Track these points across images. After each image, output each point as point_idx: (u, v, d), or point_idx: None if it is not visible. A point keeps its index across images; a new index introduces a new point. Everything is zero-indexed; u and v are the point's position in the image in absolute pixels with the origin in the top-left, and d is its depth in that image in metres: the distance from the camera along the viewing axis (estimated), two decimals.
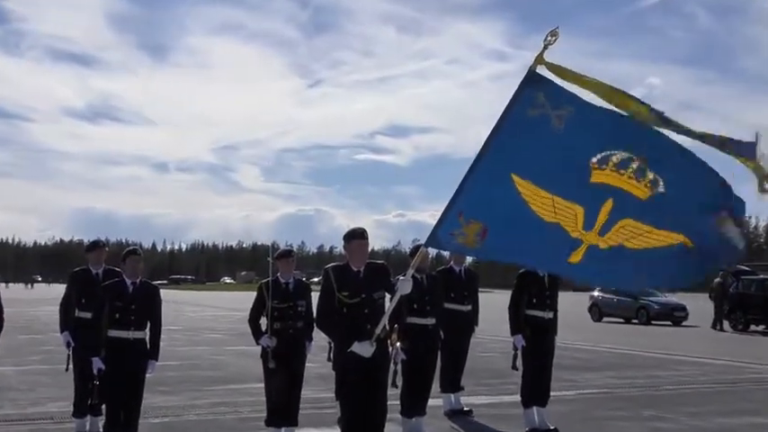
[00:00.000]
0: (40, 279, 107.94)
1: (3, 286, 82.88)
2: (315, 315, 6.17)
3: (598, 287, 27.73)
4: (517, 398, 8.36)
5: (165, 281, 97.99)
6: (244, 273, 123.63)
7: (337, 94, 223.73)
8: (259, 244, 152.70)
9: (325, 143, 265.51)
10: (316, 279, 39.19)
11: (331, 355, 6.24)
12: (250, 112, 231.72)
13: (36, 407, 9.19)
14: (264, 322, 7.30)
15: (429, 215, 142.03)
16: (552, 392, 8.30)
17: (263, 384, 7.43)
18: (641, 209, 4.69)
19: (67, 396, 8.22)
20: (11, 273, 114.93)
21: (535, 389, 8.08)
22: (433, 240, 5.24)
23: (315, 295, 6.48)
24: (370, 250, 5.99)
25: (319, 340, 7.29)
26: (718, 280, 26.11)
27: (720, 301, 25.56)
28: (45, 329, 20.05)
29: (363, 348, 5.57)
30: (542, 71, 4.84)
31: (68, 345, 7.76)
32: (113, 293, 6.55)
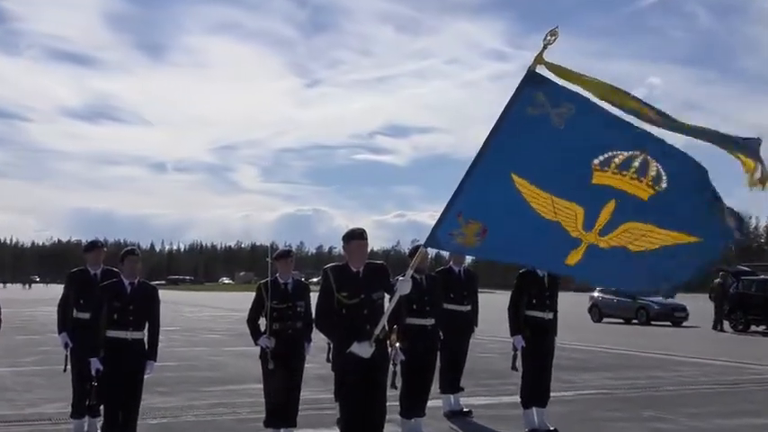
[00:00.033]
0: (37, 279, 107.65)
1: (0, 287, 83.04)
2: (314, 315, 6.16)
3: (598, 286, 27.67)
4: (517, 399, 8.35)
5: (163, 281, 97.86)
6: (242, 273, 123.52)
7: (336, 93, 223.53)
8: (258, 244, 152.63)
9: (324, 143, 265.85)
10: (315, 279, 39.19)
11: (330, 356, 6.22)
12: (248, 111, 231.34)
13: (33, 408, 9.17)
14: (263, 323, 7.29)
15: (428, 215, 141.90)
16: (552, 393, 8.28)
17: (261, 385, 7.43)
18: (643, 210, 4.67)
19: (65, 397, 8.20)
20: (8, 273, 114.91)
21: (535, 389, 8.07)
22: (433, 241, 5.23)
23: (314, 296, 6.45)
24: (369, 250, 5.99)
25: (318, 341, 7.27)
26: (718, 280, 26.09)
27: (720, 302, 25.52)
28: (43, 330, 20.00)
29: (362, 349, 5.56)
30: (542, 71, 4.81)
31: (66, 345, 7.73)
32: (111, 294, 6.54)
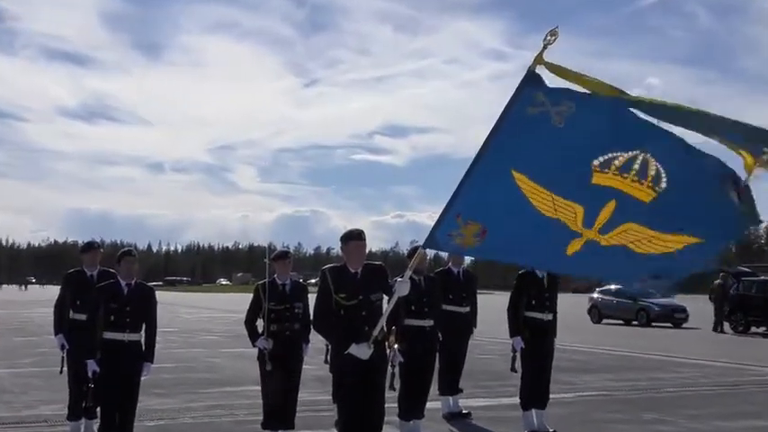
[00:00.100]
0: (34, 280, 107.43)
1: None
2: (312, 317, 6.13)
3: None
4: (516, 400, 8.33)
5: (160, 282, 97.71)
6: (240, 274, 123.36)
7: (334, 93, 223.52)
8: (255, 245, 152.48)
9: (322, 143, 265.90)
10: (313, 281, 39.15)
11: (328, 358, 6.18)
12: (246, 111, 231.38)
13: (30, 410, 9.12)
14: (261, 324, 7.26)
15: (427, 216, 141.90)
16: (551, 395, 8.27)
17: (259, 387, 7.41)
18: (645, 213, 4.64)
19: (62, 399, 8.16)
20: (5, 274, 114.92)
21: (534, 391, 8.04)
22: (431, 241, 5.21)
23: (312, 297, 6.42)
24: (367, 251, 5.96)
25: (316, 342, 7.23)
26: (718, 281, 26.02)
27: (721, 303, 25.45)
28: (39, 331, 19.95)
29: (361, 350, 5.55)
30: (542, 71, 4.78)
31: (63, 347, 7.69)
32: (108, 295, 6.51)
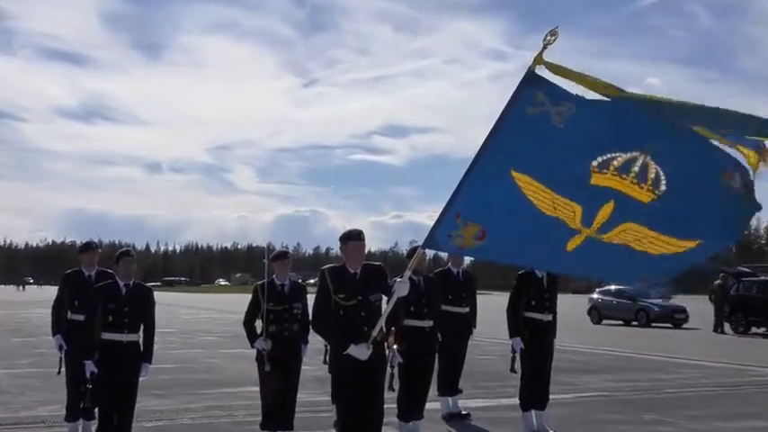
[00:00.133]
0: (31, 281, 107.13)
1: None
2: (310, 317, 6.11)
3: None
4: (515, 401, 8.31)
5: (158, 283, 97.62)
6: (239, 275, 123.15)
7: (333, 93, 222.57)
8: (254, 245, 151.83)
9: (321, 143, 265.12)
10: (312, 281, 39.13)
11: (327, 358, 6.16)
12: (244, 111, 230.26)
13: (28, 411, 9.08)
14: (260, 325, 7.24)
15: (427, 216, 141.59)
16: (551, 395, 8.25)
17: (258, 388, 7.38)
18: (645, 214, 4.64)
19: (60, 400, 8.13)
20: (2, 275, 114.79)
21: (534, 392, 8.03)
22: (431, 242, 5.19)
23: (311, 297, 6.40)
24: (366, 252, 5.94)
25: (315, 343, 7.20)
26: (718, 282, 25.92)
27: (721, 304, 25.38)
28: (37, 332, 19.92)
29: (360, 351, 5.53)
30: (541, 71, 4.77)
31: (61, 348, 7.66)
32: (106, 295, 6.49)
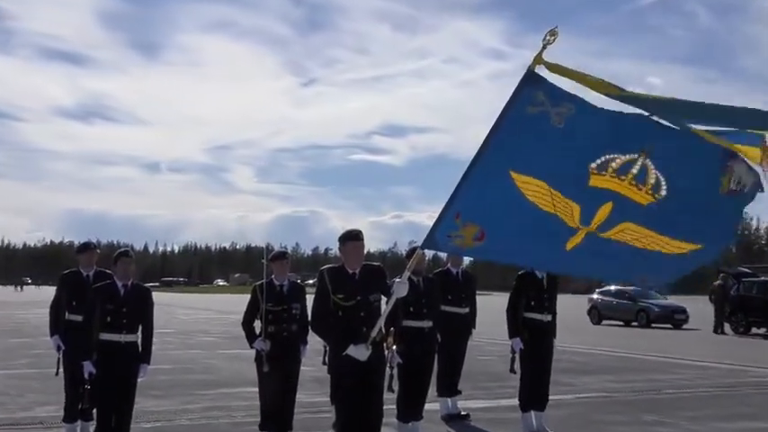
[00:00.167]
0: (29, 281, 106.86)
1: None
2: (309, 318, 6.08)
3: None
4: (515, 402, 8.30)
5: (157, 283, 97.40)
6: (237, 275, 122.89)
7: (332, 93, 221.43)
8: (253, 246, 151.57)
9: (320, 143, 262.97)
10: (311, 281, 39.09)
11: (326, 359, 6.14)
12: (243, 111, 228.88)
13: (25, 412, 9.06)
14: (258, 325, 7.22)
15: (426, 216, 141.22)
16: (551, 396, 8.23)
17: (256, 388, 7.36)
18: (643, 214, 4.65)
19: (57, 401, 8.11)
20: (0, 275, 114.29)
21: (533, 393, 8.01)
22: (430, 242, 5.18)
23: (310, 298, 6.38)
24: (365, 252, 5.92)
25: (314, 343, 7.18)
26: (718, 282, 25.90)
27: (721, 304, 25.32)
28: (35, 333, 19.84)
29: (359, 352, 5.51)
30: (541, 71, 4.75)
31: (59, 348, 7.64)
32: (105, 296, 6.45)
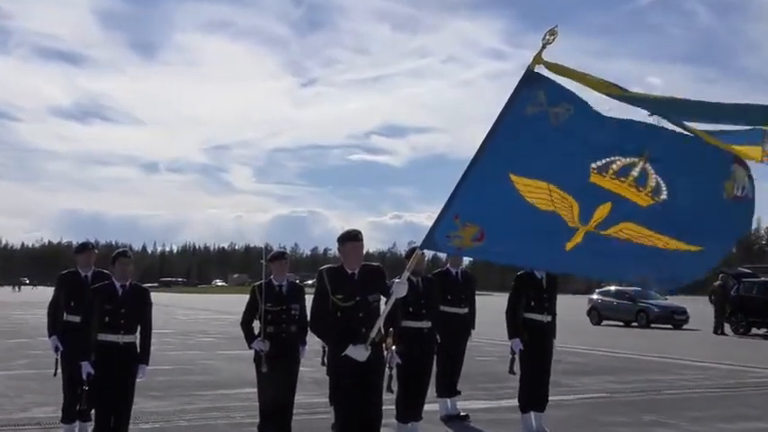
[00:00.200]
0: (27, 281, 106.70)
1: None
2: (308, 318, 6.06)
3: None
4: (515, 402, 8.27)
5: (155, 283, 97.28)
6: (236, 275, 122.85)
7: (331, 93, 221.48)
8: (252, 246, 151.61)
9: (319, 143, 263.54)
10: (310, 282, 39.09)
11: (325, 360, 6.12)
12: (242, 111, 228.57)
13: (23, 412, 9.02)
14: (257, 326, 7.20)
15: (426, 216, 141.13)
16: (550, 397, 8.21)
17: (255, 389, 7.33)
18: (643, 215, 4.64)
19: (56, 401, 8.09)
20: None
21: (533, 393, 7.99)
22: (429, 242, 5.17)
23: (309, 298, 6.36)
24: (364, 252, 5.90)
25: (313, 344, 7.17)
26: (718, 283, 25.86)
27: (721, 305, 25.27)
28: (33, 333, 19.78)
29: (358, 352, 5.49)
30: (541, 70, 4.74)
31: (57, 349, 7.61)
32: (103, 296, 6.44)
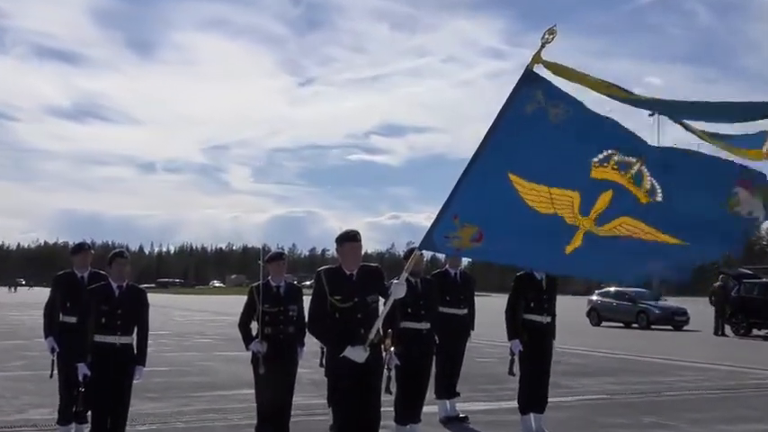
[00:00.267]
0: (23, 282, 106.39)
1: None
2: (306, 319, 6.03)
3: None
4: (514, 404, 8.26)
5: (152, 284, 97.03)
6: (234, 276, 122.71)
7: (329, 92, 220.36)
8: (249, 246, 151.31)
9: (318, 143, 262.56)
10: (307, 282, 39.08)
11: (323, 361, 6.08)
12: (240, 110, 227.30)
13: (20, 414, 8.98)
14: (255, 327, 7.16)
15: (424, 217, 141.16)
16: (550, 398, 8.19)
17: (253, 391, 7.31)
18: (641, 209, 4.65)
19: (52, 403, 8.05)
20: None
21: (532, 395, 7.97)
22: (428, 243, 5.17)
23: (307, 299, 6.32)
24: (363, 253, 5.87)
25: (311, 345, 7.12)
26: (718, 283, 25.84)
27: (722, 306, 25.23)
28: (30, 335, 19.74)
29: (356, 353, 5.47)
30: (540, 70, 4.74)
31: (53, 350, 7.58)
32: (99, 297, 6.41)
